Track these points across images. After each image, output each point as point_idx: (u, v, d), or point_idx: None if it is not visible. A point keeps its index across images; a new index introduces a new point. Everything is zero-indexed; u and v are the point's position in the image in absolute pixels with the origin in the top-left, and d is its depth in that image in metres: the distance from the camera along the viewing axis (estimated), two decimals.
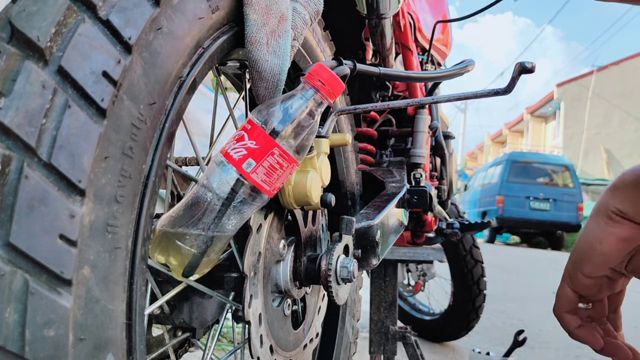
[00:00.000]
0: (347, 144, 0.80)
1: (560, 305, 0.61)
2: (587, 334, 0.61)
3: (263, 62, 0.60)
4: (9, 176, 0.34)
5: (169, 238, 0.54)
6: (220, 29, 0.56)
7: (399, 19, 1.23)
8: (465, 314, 2.33)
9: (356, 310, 1.11)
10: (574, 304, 0.61)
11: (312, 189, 0.67)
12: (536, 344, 2.45)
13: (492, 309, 3.17)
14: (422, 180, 1.22)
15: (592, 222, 0.58)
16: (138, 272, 0.43)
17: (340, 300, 0.73)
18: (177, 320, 0.77)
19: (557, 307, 0.62)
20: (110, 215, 0.40)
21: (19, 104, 0.35)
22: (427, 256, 1.67)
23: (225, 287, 0.69)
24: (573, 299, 0.60)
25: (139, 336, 0.43)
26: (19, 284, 0.34)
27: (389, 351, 1.60)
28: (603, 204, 0.56)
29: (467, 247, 2.31)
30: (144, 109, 0.44)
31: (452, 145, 1.67)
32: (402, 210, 1.05)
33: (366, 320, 1.87)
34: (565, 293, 0.60)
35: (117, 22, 0.41)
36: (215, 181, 0.55)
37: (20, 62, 0.37)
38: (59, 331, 0.35)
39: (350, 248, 0.75)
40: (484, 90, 0.75)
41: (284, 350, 0.74)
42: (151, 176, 0.45)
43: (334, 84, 0.60)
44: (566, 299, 0.61)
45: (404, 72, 1.19)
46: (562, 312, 0.61)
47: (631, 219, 0.54)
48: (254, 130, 0.56)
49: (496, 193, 11.06)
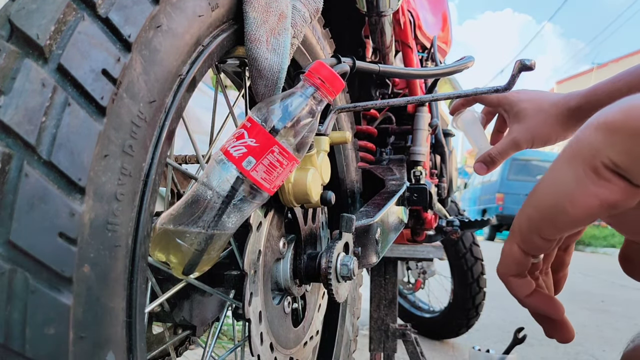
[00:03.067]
0: (347, 141, 0.80)
1: (507, 267, 0.49)
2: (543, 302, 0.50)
3: (263, 60, 0.60)
4: (9, 174, 0.34)
5: (169, 236, 0.54)
6: (220, 27, 0.56)
7: (399, 16, 1.23)
8: (465, 312, 2.33)
9: (356, 308, 1.11)
10: (523, 266, 0.48)
11: (312, 187, 0.67)
12: (536, 342, 2.46)
13: (492, 306, 3.17)
14: (422, 178, 1.22)
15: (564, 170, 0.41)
16: (138, 270, 0.43)
17: (341, 298, 0.73)
18: (177, 318, 0.77)
19: (503, 268, 0.49)
20: (110, 213, 0.40)
21: (18, 102, 0.35)
22: (427, 254, 1.67)
23: (226, 285, 0.69)
24: (523, 261, 0.47)
25: (139, 334, 0.44)
26: (19, 282, 0.34)
27: (389, 349, 1.60)
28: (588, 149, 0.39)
29: (467, 245, 2.31)
30: (143, 106, 0.44)
31: (452, 142, 1.67)
32: (402, 208, 1.05)
33: (366, 318, 1.87)
34: (514, 254, 0.47)
35: (117, 20, 0.41)
36: (215, 179, 0.55)
37: (19, 60, 0.37)
38: (60, 329, 0.35)
39: (350, 246, 0.75)
40: (484, 87, 0.75)
41: (284, 348, 0.74)
42: (151, 174, 0.45)
43: (333, 81, 0.60)
44: (515, 261, 0.48)
45: (404, 69, 1.19)
46: (509, 276, 0.50)
47: (629, 178, 0.38)
48: (254, 128, 0.56)
49: (496, 191, 11.07)
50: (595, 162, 0.39)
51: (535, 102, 0.85)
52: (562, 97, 0.84)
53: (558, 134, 0.84)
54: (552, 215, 0.42)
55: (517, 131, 0.86)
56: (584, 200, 0.40)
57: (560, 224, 0.42)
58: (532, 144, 0.86)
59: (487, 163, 0.91)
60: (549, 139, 0.85)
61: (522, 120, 0.85)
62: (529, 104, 0.85)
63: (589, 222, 0.42)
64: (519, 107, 0.86)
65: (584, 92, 0.81)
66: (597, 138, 0.39)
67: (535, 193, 0.44)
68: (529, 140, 0.85)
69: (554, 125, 0.83)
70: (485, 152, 0.91)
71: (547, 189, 0.43)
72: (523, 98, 0.87)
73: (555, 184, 0.42)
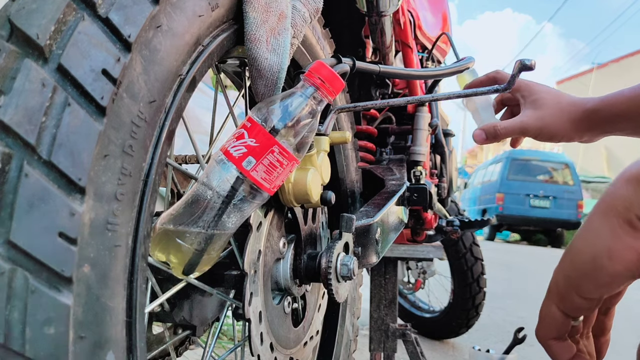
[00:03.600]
0: (347, 141, 0.80)
1: (546, 329, 0.48)
2: None
3: (263, 60, 0.60)
4: (9, 174, 0.34)
5: (169, 236, 0.54)
6: (220, 27, 0.56)
7: (399, 16, 1.23)
8: (465, 312, 2.33)
9: (356, 308, 1.11)
10: (564, 328, 0.47)
11: (312, 187, 0.67)
12: (536, 341, 2.46)
13: (492, 306, 3.17)
14: (422, 178, 1.22)
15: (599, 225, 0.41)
16: (138, 270, 0.43)
17: (341, 298, 0.73)
18: (177, 318, 0.77)
19: (543, 331, 0.49)
20: (111, 213, 0.40)
21: (18, 101, 0.35)
22: (427, 254, 1.67)
23: (226, 285, 0.69)
24: (563, 323, 0.46)
25: (139, 334, 0.44)
26: (19, 281, 0.34)
27: (389, 349, 1.60)
28: (621, 202, 0.40)
29: (467, 245, 2.31)
30: (143, 106, 0.44)
31: (452, 142, 1.67)
32: (402, 207, 1.05)
33: (366, 318, 1.87)
34: (553, 315, 0.46)
35: (117, 20, 0.41)
36: (215, 179, 0.55)
37: (19, 60, 0.37)
38: (59, 329, 0.35)
39: (350, 246, 0.75)
40: (485, 87, 0.75)
41: (284, 348, 0.74)
42: (151, 174, 0.45)
43: (333, 81, 0.60)
44: (554, 323, 0.47)
45: (404, 70, 1.19)
46: (549, 339, 0.48)
47: None
48: (254, 128, 0.56)
49: (496, 190, 11.06)
50: (630, 214, 0.39)
51: (554, 96, 0.84)
52: (580, 98, 0.84)
53: (567, 132, 0.83)
54: (591, 272, 0.41)
55: (528, 116, 0.84)
56: (621, 253, 0.39)
57: (600, 280, 0.41)
58: (539, 134, 0.84)
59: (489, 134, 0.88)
60: (556, 135, 0.84)
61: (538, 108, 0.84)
62: (547, 95, 0.85)
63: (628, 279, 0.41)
64: (538, 95, 0.85)
65: (604, 96, 0.80)
66: (629, 191, 0.39)
67: (570, 250, 0.44)
68: (537, 128, 0.83)
69: (565, 123, 0.82)
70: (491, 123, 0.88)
71: (583, 245, 0.42)
72: (543, 89, 0.86)
73: (591, 238, 0.41)
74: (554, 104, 0.83)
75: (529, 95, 0.86)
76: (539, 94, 0.85)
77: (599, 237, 0.41)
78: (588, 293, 0.42)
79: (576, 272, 0.43)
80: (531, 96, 0.86)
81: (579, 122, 0.82)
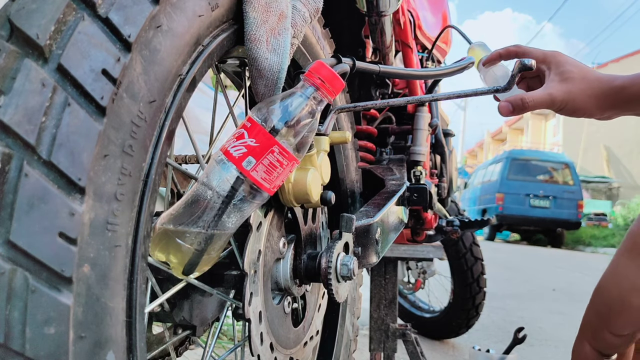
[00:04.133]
0: (347, 141, 0.80)
1: None
2: None
3: (263, 60, 0.60)
4: (8, 174, 0.34)
5: (169, 236, 0.54)
6: (220, 27, 0.56)
7: (399, 16, 1.23)
8: (465, 312, 2.33)
9: (356, 308, 1.11)
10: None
11: (312, 187, 0.67)
12: (536, 342, 2.46)
13: (492, 306, 3.17)
14: (422, 178, 1.22)
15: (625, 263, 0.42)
16: (138, 270, 0.43)
17: (340, 298, 0.73)
18: (177, 318, 0.77)
19: None
20: (110, 213, 0.40)
21: (18, 101, 0.35)
22: (427, 254, 1.67)
23: (226, 285, 0.69)
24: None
25: (139, 334, 0.44)
26: (19, 281, 0.34)
27: (389, 348, 1.60)
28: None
29: (467, 245, 2.31)
30: (143, 106, 0.44)
31: (452, 142, 1.67)
32: (402, 207, 1.05)
33: (366, 318, 1.87)
34: (586, 352, 0.46)
35: (117, 20, 0.41)
36: (215, 179, 0.55)
37: (19, 60, 0.37)
38: (60, 329, 0.35)
39: (350, 246, 0.75)
40: (484, 87, 0.75)
41: (284, 348, 0.74)
42: (151, 174, 0.45)
43: (333, 81, 0.60)
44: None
45: (404, 70, 1.19)
46: None
47: None
48: (254, 128, 0.56)
49: (496, 190, 11.07)
50: None
51: (582, 70, 0.82)
52: (608, 75, 0.82)
53: (590, 108, 0.81)
54: (619, 309, 0.43)
55: (556, 89, 0.81)
56: None
57: (629, 317, 0.42)
58: (564, 108, 0.82)
59: (516, 106, 0.84)
60: (579, 110, 0.82)
61: (565, 81, 0.81)
62: (575, 69, 0.82)
63: None
64: (566, 67, 0.83)
65: (633, 75, 0.79)
66: None
67: (600, 288, 0.46)
68: (564, 101, 0.81)
69: (590, 98, 0.80)
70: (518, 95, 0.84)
71: (610, 283, 0.44)
72: (571, 61, 0.84)
73: (618, 276, 0.43)
74: (580, 77, 0.81)
75: (556, 67, 0.84)
76: (566, 66, 0.83)
77: (626, 275, 0.42)
78: (619, 330, 0.43)
79: (606, 309, 0.44)
80: (558, 68, 0.83)
81: (604, 99, 0.80)
